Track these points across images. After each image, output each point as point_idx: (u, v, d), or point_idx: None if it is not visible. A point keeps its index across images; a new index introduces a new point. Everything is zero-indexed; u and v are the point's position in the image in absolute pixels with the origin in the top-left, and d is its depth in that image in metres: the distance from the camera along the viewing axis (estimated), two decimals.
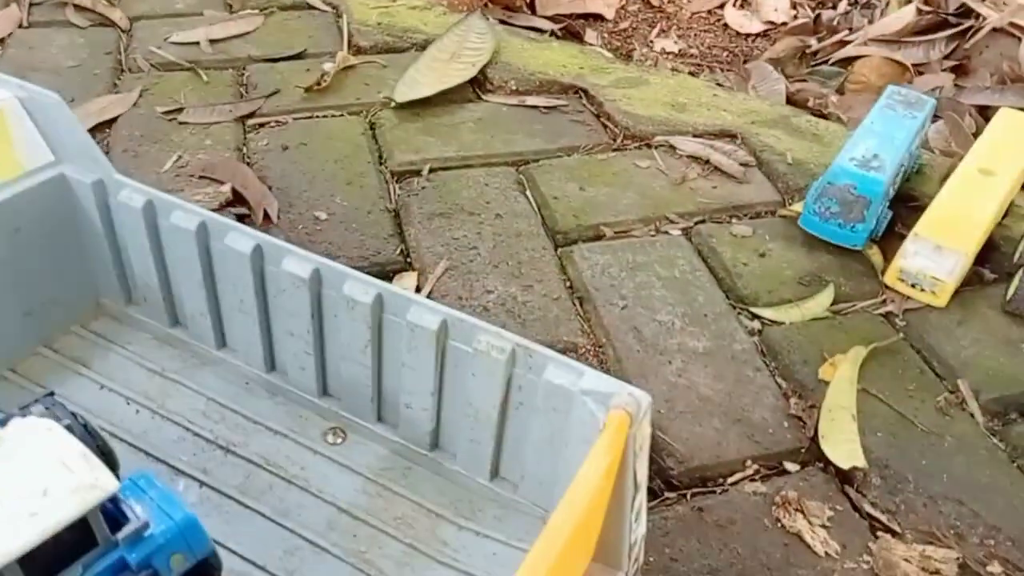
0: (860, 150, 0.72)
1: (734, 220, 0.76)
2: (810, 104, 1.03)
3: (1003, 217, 0.78)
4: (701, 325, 0.65)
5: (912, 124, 0.76)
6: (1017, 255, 0.71)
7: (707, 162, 0.82)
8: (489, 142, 0.83)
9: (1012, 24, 1.13)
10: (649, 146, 0.85)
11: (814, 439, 0.57)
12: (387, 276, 0.66)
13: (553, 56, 0.99)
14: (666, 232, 0.74)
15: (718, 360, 0.62)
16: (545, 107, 0.90)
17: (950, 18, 1.18)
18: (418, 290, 0.65)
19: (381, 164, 0.79)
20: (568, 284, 0.68)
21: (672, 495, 0.53)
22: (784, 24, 1.31)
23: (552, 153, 0.83)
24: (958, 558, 0.49)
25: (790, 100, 1.04)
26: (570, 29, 1.27)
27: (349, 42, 0.99)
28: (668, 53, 1.26)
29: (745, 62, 1.24)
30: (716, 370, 0.61)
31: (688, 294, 0.68)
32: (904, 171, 0.78)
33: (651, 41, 1.28)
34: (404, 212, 0.73)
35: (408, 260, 0.68)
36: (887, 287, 0.70)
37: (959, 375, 0.62)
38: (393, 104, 0.87)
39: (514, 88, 0.92)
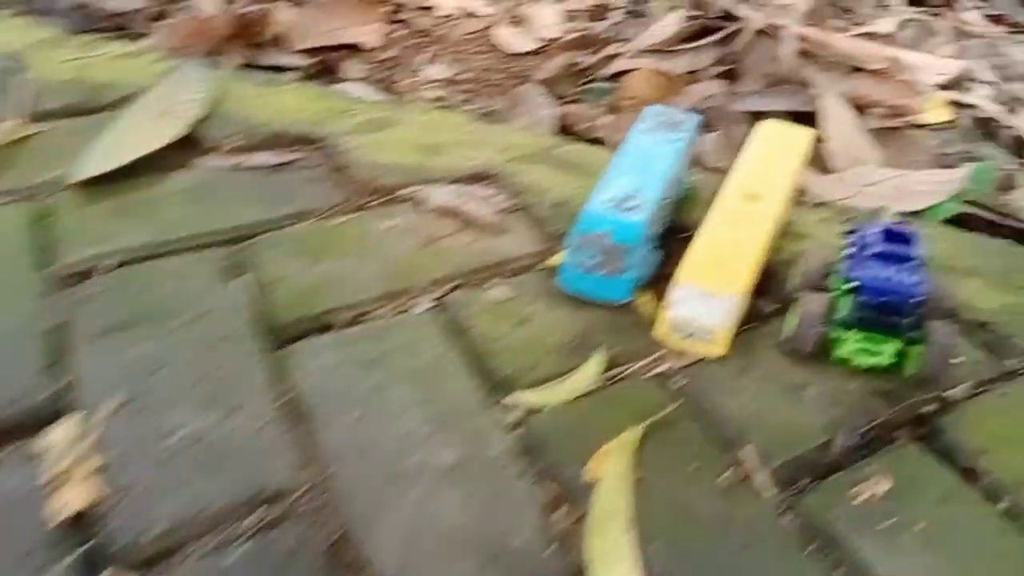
0: (614, 188, 0.63)
1: (493, 280, 0.66)
2: (580, 128, 0.96)
3: (779, 240, 0.72)
4: (451, 428, 0.54)
5: (674, 149, 0.69)
6: (791, 285, 0.65)
7: (461, 214, 0.71)
8: (199, 218, 0.69)
9: (772, 25, 1.11)
10: (396, 200, 0.73)
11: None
12: (34, 428, 0.51)
13: (289, 101, 0.86)
14: (412, 310, 0.63)
15: (471, 473, 0.51)
16: (273, 165, 0.76)
17: (715, 23, 1.15)
18: (81, 440, 0.50)
19: (45, 267, 0.63)
20: (284, 400, 0.55)
21: None
22: (558, 39, 1.24)
23: (277, 223, 0.69)
24: None
25: (560, 125, 0.96)
26: (326, 64, 1.14)
27: (27, 105, 0.81)
28: (437, 81, 1.16)
29: (522, 83, 1.16)
30: (468, 487, 0.50)
31: (436, 389, 0.56)
32: (672, 201, 0.70)
33: (418, 69, 1.18)
34: (68, 331, 0.57)
35: (69, 400, 0.53)
36: (662, 342, 0.62)
37: (744, 439, 0.55)
38: (73, 182, 0.71)
39: (237, 145, 0.78)
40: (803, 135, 0.73)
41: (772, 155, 0.70)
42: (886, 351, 0.58)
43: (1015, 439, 0.57)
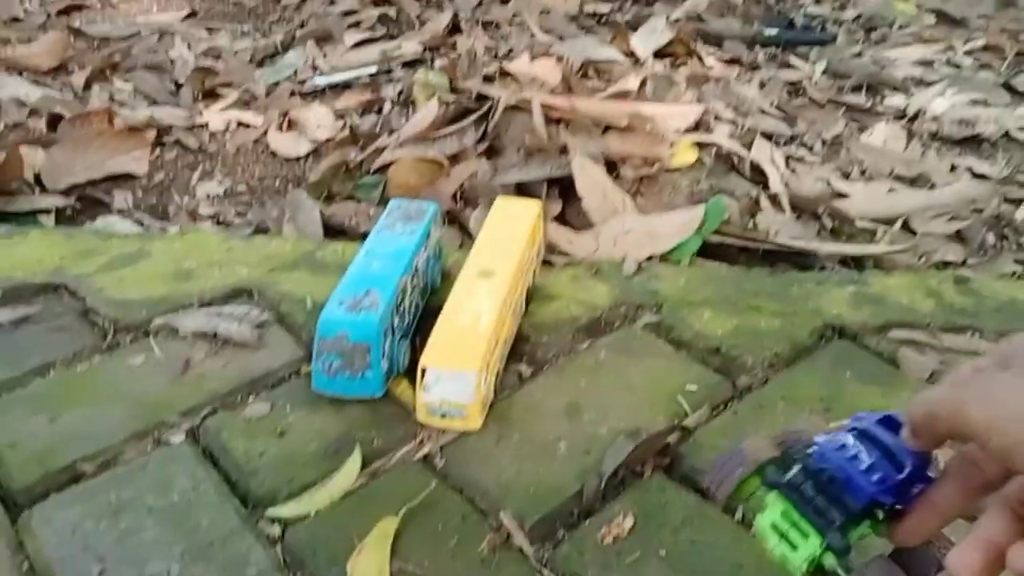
0: (350, 289, 0.66)
1: (250, 398, 0.66)
2: (348, 226, 0.98)
3: (527, 304, 0.77)
4: (206, 559, 0.53)
5: (411, 240, 0.72)
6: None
7: (215, 336, 0.72)
8: None
9: (522, 99, 1.20)
10: (146, 334, 0.72)
11: None
12: None
13: (32, 249, 0.83)
14: (166, 443, 0.62)
15: None
16: (13, 321, 0.73)
17: (471, 104, 1.22)
18: None
19: None
20: (27, 567, 0.52)
21: None
22: (330, 139, 1.27)
23: (16, 383, 0.67)
24: None
25: (327, 227, 0.98)
26: (90, 200, 1.11)
27: None
28: (213, 197, 1.16)
29: (297, 187, 1.18)
30: None
31: (189, 521, 0.55)
32: (420, 288, 0.74)
33: (193, 188, 1.17)
34: None
35: None
36: (423, 425, 0.64)
37: (501, 506, 0.57)
38: None
39: None
40: (531, 208, 0.78)
41: (504, 231, 0.75)
42: (801, 550, 0.43)
43: None
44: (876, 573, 0.43)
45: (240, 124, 1.33)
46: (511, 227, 0.76)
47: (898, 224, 1.08)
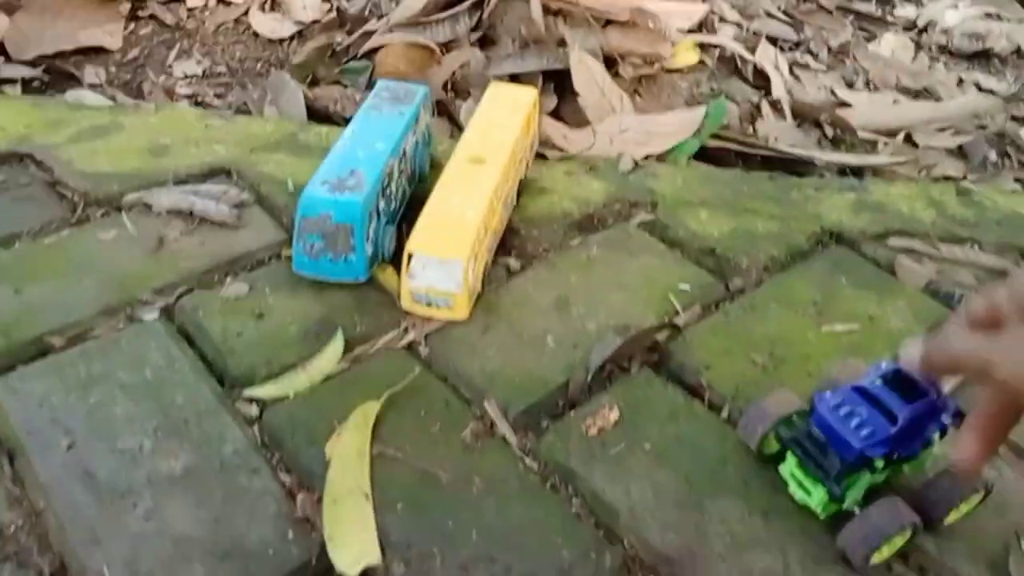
0: (334, 169, 0.62)
1: (228, 279, 0.64)
2: (333, 110, 0.94)
3: (519, 197, 0.74)
4: (181, 436, 0.52)
5: (399, 122, 0.69)
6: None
7: (191, 214, 0.68)
8: None
9: None
10: (118, 210, 0.69)
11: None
12: None
13: None
14: (139, 319, 0.60)
15: (202, 478, 0.49)
16: None
17: None
18: None
19: None
20: None
21: None
22: (316, 22, 1.21)
23: None
24: None
25: (311, 110, 0.94)
26: (58, 71, 1.05)
27: None
28: (190, 77, 1.10)
29: (281, 68, 1.13)
30: (199, 493, 0.48)
31: (163, 398, 0.54)
32: (408, 173, 0.70)
33: (169, 67, 1.11)
34: None
35: None
36: (408, 312, 0.62)
37: (485, 395, 0.56)
38: None
39: None
40: (527, 95, 0.75)
41: (498, 117, 0.71)
42: (813, 496, 0.48)
43: (734, 350, 0.61)
44: (878, 509, 0.47)
45: (220, 1, 1.25)
46: (505, 113, 0.72)
47: (900, 136, 1.05)
